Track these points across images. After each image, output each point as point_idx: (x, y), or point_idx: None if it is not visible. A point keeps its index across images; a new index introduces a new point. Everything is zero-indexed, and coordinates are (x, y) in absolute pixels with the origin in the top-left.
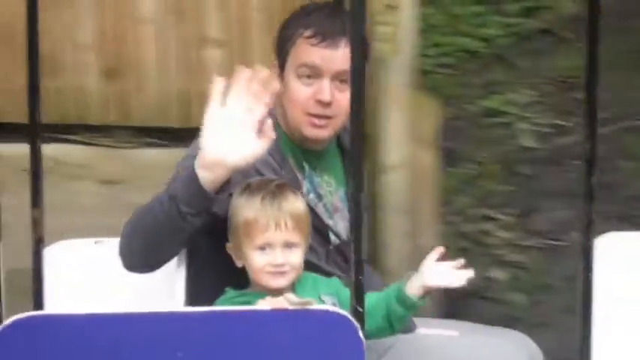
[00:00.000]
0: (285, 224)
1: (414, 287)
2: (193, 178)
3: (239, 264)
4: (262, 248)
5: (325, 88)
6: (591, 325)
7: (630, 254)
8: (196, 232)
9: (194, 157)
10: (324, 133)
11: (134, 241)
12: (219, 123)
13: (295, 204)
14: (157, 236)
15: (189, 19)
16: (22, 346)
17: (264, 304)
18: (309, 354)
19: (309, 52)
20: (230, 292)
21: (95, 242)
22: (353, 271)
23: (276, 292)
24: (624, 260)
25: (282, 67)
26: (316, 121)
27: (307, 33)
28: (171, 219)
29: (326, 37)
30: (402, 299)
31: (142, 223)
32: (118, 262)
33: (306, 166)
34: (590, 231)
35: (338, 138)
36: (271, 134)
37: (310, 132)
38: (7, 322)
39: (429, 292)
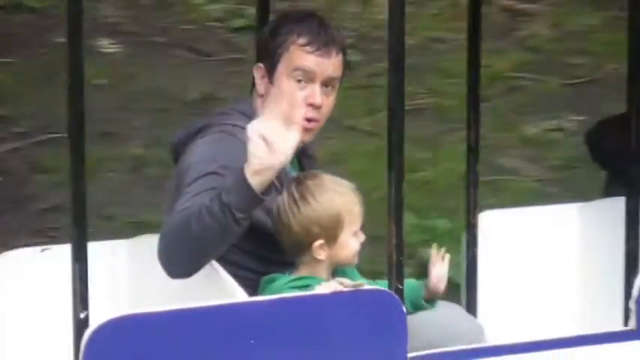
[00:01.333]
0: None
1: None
2: (246, 185)
3: (322, 256)
4: (355, 233)
5: (317, 92)
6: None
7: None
8: None
9: (228, 167)
10: (308, 137)
11: (182, 250)
12: (261, 131)
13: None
14: (209, 243)
15: None
16: (116, 344)
17: (323, 289)
18: (364, 328)
19: (303, 58)
20: (284, 277)
21: (42, 250)
22: (395, 253)
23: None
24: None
25: (270, 70)
26: (307, 124)
27: (301, 41)
28: (226, 226)
29: (320, 45)
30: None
31: (191, 233)
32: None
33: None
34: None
35: None
36: (300, 122)
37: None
38: (102, 322)
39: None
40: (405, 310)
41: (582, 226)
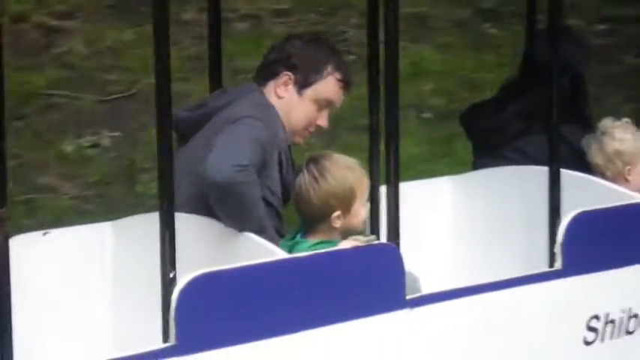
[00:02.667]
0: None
1: None
2: None
3: (338, 224)
4: (363, 204)
5: (326, 118)
6: None
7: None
8: None
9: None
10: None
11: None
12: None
13: None
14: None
15: None
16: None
17: (346, 244)
18: (375, 272)
19: (335, 91)
20: (305, 242)
21: (43, 234)
22: (394, 212)
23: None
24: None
25: (300, 84)
26: (307, 136)
27: (339, 76)
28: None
29: (350, 86)
30: None
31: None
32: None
33: None
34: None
35: None
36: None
37: (297, 140)
38: (189, 279)
39: None
40: (402, 258)
41: (454, 195)
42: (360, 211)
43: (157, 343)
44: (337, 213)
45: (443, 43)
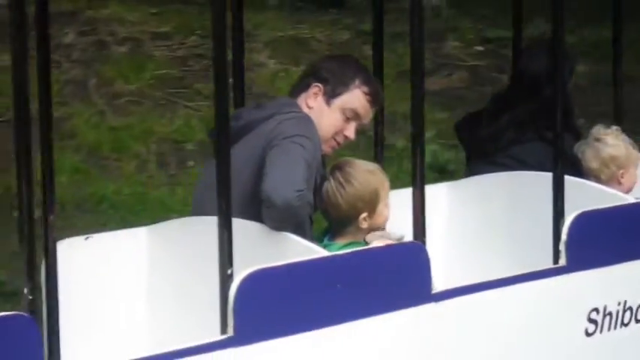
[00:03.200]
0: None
1: None
2: None
3: (365, 225)
4: (386, 204)
5: (353, 130)
6: None
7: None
8: None
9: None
10: (330, 153)
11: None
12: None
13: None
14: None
15: None
16: (256, 292)
17: (379, 243)
18: (405, 268)
19: (362, 104)
20: (334, 244)
21: (85, 239)
22: (420, 212)
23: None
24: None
25: (329, 95)
26: (335, 147)
27: (366, 90)
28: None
29: (378, 100)
30: None
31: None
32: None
33: None
34: None
35: None
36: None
37: (327, 150)
38: (245, 275)
39: None
40: (429, 255)
41: (450, 201)
42: (384, 211)
43: (214, 335)
44: (364, 215)
45: None
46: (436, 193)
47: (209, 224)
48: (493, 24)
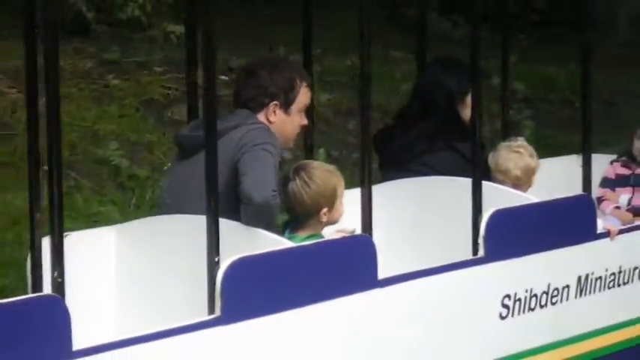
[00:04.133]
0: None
1: None
2: None
3: (324, 219)
4: (341, 201)
5: (305, 118)
6: None
7: None
8: None
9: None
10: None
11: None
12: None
13: None
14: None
15: None
16: (241, 277)
17: (336, 235)
18: (357, 256)
19: (308, 94)
20: (296, 237)
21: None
22: (367, 209)
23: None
24: None
25: (285, 104)
26: (296, 138)
27: (306, 82)
28: None
29: (311, 83)
30: None
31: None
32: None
33: None
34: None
35: None
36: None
37: (292, 144)
38: (230, 263)
39: None
40: (375, 247)
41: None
42: (340, 207)
43: (202, 316)
44: (325, 210)
45: (64, 94)
46: (354, 197)
47: (175, 222)
48: (235, 53)
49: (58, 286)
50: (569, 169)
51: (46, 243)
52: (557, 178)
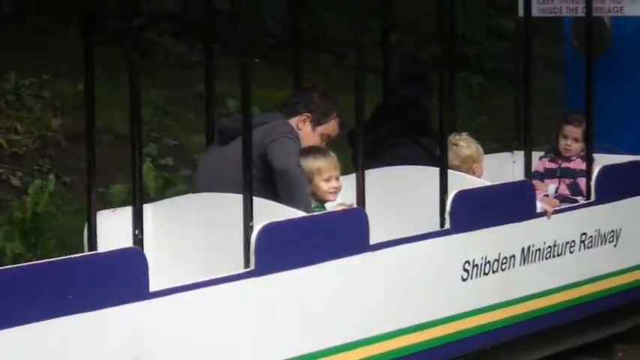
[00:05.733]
0: (335, 167)
1: None
2: None
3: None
4: (326, 179)
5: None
6: None
7: None
8: None
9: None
10: None
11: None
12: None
13: (333, 156)
14: None
15: None
16: (271, 240)
17: (338, 208)
18: (353, 225)
19: (336, 130)
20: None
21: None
22: (360, 187)
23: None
24: None
25: (314, 122)
26: None
27: (339, 120)
28: None
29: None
30: None
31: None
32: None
33: None
34: None
35: None
36: None
37: None
38: (261, 227)
39: None
40: (367, 217)
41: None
42: (320, 185)
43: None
44: (310, 186)
45: None
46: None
47: (209, 199)
48: None
49: (139, 241)
50: (503, 164)
51: (100, 216)
52: (493, 172)
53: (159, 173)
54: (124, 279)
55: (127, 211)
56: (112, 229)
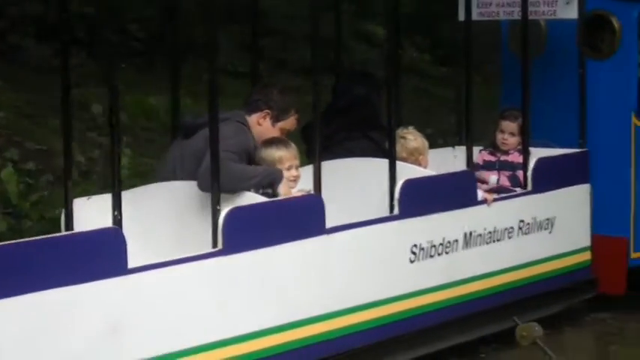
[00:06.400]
0: (295, 157)
1: None
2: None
3: None
4: (287, 168)
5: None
6: None
7: None
8: None
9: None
10: None
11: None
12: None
13: (293, 146)
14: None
15: None
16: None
17: (298, 194)
18: (310, 208)
19: (294, 124)
20: None
21: (87, 199)
22: (317, 177)
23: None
24: None
25: (274, 119)
26: None
27: (297, 116)
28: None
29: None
30: None
31: (238, 184)
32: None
33: None
34: None
35: None
36: None
37: None
38: (228, 210)
39: None
40: (324, 203)
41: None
42: (285, 172)
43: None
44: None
45: None
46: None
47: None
48: None
49: (118, 221)
50: (445, 159)
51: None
52: (436, 165)
53: (21, 178)
54: (104, 256)
55: (101, 199)
56: (86, 216)
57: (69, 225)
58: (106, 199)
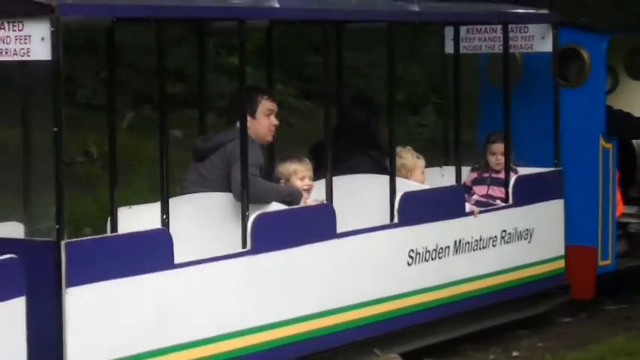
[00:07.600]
0: (308, 169)
1: None
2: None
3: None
4: (300, 179)
5: (275, 119)
6: None
7: None
8: None
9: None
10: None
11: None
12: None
13: (307, 161)
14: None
15: None
16: (264, 224)
17: (312, 202)
18: (324, 216)
19: (270, 105)
20: None
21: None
22: (329, 189)
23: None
24: None
25: (251, 114)
26: (273, 131)
27: (265, 97)
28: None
29: (273, 97)
30: None
31: (269, 199)
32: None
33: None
34: None
35: None
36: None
37: (269, 138)
38: (256, 214)
39: None
40: (335, 211)
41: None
42: (296, 182)
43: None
44: (283, 180)
45: None
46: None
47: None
48: None
49: (166, 223)
50: (433, 178)
51: (121, 211)
52: (425, 183)
53: None
54: (155, 252)
55: (141, 209)
56: (130, 222)
57: (114, 229)
58: (143, 208)
